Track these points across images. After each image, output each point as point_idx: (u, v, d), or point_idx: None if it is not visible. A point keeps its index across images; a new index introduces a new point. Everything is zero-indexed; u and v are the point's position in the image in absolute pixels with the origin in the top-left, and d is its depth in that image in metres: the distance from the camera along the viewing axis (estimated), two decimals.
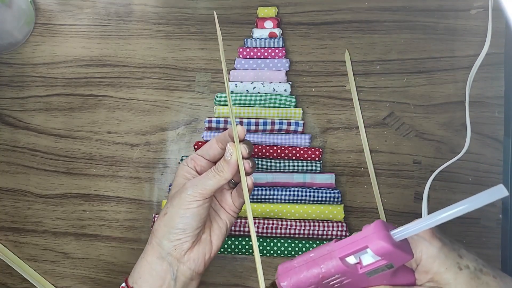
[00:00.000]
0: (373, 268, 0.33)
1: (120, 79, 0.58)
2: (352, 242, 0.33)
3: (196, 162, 0.45)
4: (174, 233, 0.40)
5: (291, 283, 0.34)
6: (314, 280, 0.34)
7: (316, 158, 0.54)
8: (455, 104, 0.54)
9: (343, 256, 0.33)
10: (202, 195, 0.40)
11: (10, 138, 0.59)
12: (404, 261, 0.33)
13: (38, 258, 0.57)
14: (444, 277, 0.34)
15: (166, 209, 0.42)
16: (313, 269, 0.34)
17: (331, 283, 0.34)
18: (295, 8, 0.57)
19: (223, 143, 0.44)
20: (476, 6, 0.55)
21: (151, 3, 0.59)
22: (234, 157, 0.40)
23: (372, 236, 0.32)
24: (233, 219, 0.45)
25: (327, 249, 0.34)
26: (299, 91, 0.56)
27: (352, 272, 0.33)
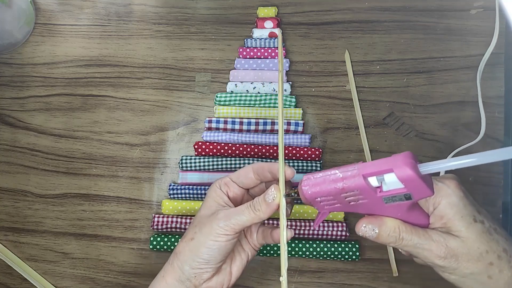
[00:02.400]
0: (392, 194, 0.34)
1: (120, 79, 0.58)
2: (379, 164, 0.33)
3: (229, 188, 0.43)
4: (198, 262, 0.40)
5: (312, 188, 0.36)
6: (333, 190, 0.35)
7: (316, 158, 0.54)
8: (455, 104, 0.54)
9: (367, 175, 0.34)
10: (233, 230, 0.39)
11: (10, 138, 0.59)
12: (423, 195, 0.33)
13: (38, 258, 0.57)
14: (457, 224, 0.35)
15: (194, 233, 0.40)
16: (335, 181, 0.35)
17: (348, 198, 0.35)
18: (295, 8, 0.57)
19: (260, 175, 0.42)
20: (476, 6, 0.55)
21: (151, 3, 0.59)
22: (276, 202, 0.38)
23: (399, 161, 0.32)
24: (255, 252, 0.44)
25: (352, 166, 0.34)
26: (299, 91, 0.56)
27: (371, 193, 0.34)
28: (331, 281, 0.53)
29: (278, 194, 0.38)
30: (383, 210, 0.35)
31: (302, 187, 0.36)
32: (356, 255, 0.52)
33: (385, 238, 0.36)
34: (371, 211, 0.36)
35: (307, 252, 0.52)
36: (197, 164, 0.55)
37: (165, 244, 0.54)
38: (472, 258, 0.35)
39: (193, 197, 0.55)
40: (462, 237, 0.35)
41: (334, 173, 0.35)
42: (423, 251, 0.36)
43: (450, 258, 0.35)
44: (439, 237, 0.35)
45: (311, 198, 0.36)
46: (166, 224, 0.54)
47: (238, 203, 0.44)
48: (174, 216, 0.55)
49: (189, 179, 0.55)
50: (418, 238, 0.36)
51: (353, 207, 0.36)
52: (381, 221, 0.36)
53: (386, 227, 0.36)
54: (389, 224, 0.36)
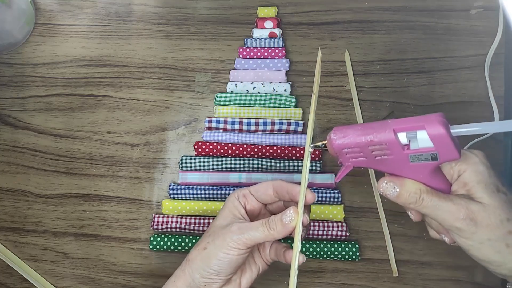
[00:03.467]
0: (419, 152, 0.34)
1: (120, 79, 0.58)
2: (411, 120, 0.34)
3: (247, 200, 0.43)
4: (208, 272, 0.40)
5: (341, 139, 0.36)
6: (362, 142, 0.35)
7: (316, 158, 0.54)
8: (455, 104, 0.54)
9: (398, 129, 0.34)
10: (246, 245, 0.39)
11: (10, 138, 0.59)
12: (450, 156, 0.34)
13: (38, 258, 0.57)
14: (480, 191, 0.36)
15: (207, 243, 0.40)
16: (366, 132, 0.35)
17: (375, 152, 0.36)
18: (295, 8, 0.57)
19: (279, 193, 0.42)
20: (476, 6, 0.55)
21: (151, 3, 0.59)
22: (292, 224, 0.38)
23: (432, 119, 0.33)
24: (266, 266, 0.44)
25: (384, 121, 0.35)
26: (299, 91, 0.56)
27: (398, 149, 0.35)
28: (331, 281, 0.53)
29: (296, 217, 0.38)
30: (407, 170, 0.36)
31: (332, 136, 0.37)
32: (356, 255, 0.52)
33: (405, 198, 0.37)
34: (394, 170, 0.37)
35: (307, 252, 0.52)
36: (197, 164, 0.55)
37: (165, 244, 0.54)
38: (492, 224, 0.35)
39: (193, 197, 0.55)
40: (484, 203, 0.35)
41: (365, 125, 0.36)
42: (443, 213, 0.36)
43: (469, 221, 0.35)
44: (460, 200, 0.36)
45: (339, 149, 0.37)
46: (166, 224, 0.54)
47: (254, 217, 0.44)
48: (174, 216, 0.55)
49: (189, 179, 0.55)
50: (439, 200, 0.36)
51: (377, 163, 0.36)
52: (403, 180, 0.37)
53: (407, 186, 0.37)
54: (411, 184, 0.37)
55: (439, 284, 0.52)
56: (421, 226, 0.53)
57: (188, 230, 0.54)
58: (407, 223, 0.53)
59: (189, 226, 0.54)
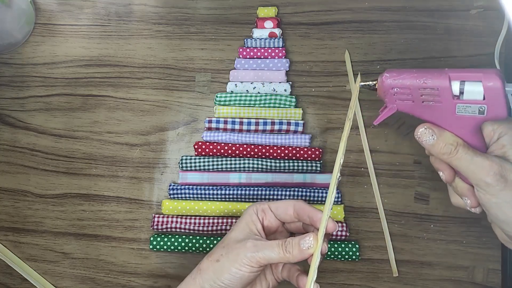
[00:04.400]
0: (468, 103, 0.35)
1: (120, 79, 0.58)
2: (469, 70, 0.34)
3: (266, 215, 0.42)
4: (218, 285, 0.39)
5: (394, 76, 0.37)
6: (414, 84, 0.36)
7: (316, 158, 0.54)
8: None
9: (453, 77, 0.35)
10: (259, 263, 0.38)
11: (10, 138, 0.59)
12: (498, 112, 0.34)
13: (38, 258, 0.57)
14: None
15: (220, 256, 0.40)
16: (421, 74, 0.36)
17: (424, 96, 0.36)
18: (295, 8, 0.57)
19: (299, 215, 0.41)
20: (476, 6, 0.55)
21: (151, 3, 0.59)
22: (310, 251, 0.38)
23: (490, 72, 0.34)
24: (276, 283, 0.44)
25: (441, 69, 0.36)
26: (299, 91, 0.56)
27: (448, 96, 0.35)
28: (331, 281, 0.53)
29: (315, 244, 0.38)
30: (450, 122, 0.36)
31: (385, 73, 0.37)
32: (356, 255, 0.52)
33: (441, 147, 0.37)
34: (437, 120, 0.37)
35: None
36: (197, 164, 0.55)
37: (165, 244, 0.54)
38: None
39: (193, 197, 0.55)
40: None
41: (420, 70, 0.36)
42: (476, 167, 0.36)
43: (500, 177, 0.35)
44: (494, 158, 0.36)
45: (389, 87, 0.37)
46: (166, 224, 0.54)
47: (271, 233, 0.43)
48: (174, 216, 0.55)
49: (189, 179, 0.55)
50: (474, 153, 0.37)
51: (422, 109, 0.37)
52: (442, 130, 0.37)
53: (445, 136, 0.37)
54: (449, 135, 0.37)
55: (439, 284, 0.52)
56: (421, 226, 0.53)
57: (188, 230, 0.54)
58: (407, 223, 0.53)
59: (189, 226, 0.54)
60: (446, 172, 0.41)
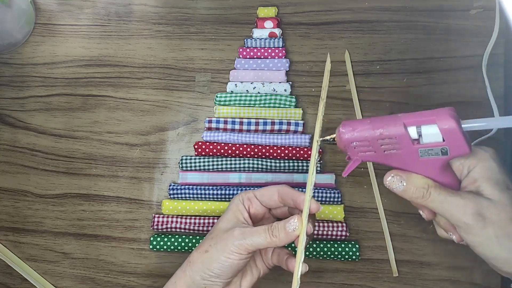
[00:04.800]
0: (429, 147, 0.34)
1: (120, 79, 0.58)
2: (422, 114, 0.34)
3: (252, 203, 0.43)
4: (209, 275, 0.40)
5: (350, 132, 0.36)
6: (371, 136, 0.35)
7: None
8: (455, 104, 0.54)
9: (408, 123, 0.34)
10: (247, 250, 0.39)
11: (10, 138, 0.59)
12: (460, 151, 0.33)
13: (38, 258, 0.57)
14: (490, 188, 0.35)
15: (209, 246, 0.40)
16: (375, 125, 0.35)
17: (384, 146, 0.35)
18: (295, 8, 0.57)
19: (283, 199, 0.42)
20: (476, 6, 0.55)
21: (151, 3, 0.59)
22: (295, 233, 0.38)
23: (443, 113, 0.33)
24: (267, 270, 0.44)
25: (394, 115, 0.35)
26: (299, 91, 0.56)
27: (408, 143, 0.34)
28: (331, 281, 0.54)
29: (299, 225, 0.38)
30: (416, 165, 0.35)
31: (341, 129, 0.37)
32: (356, 255, 0.52)
33: (412, 192, 0.36)
34: (403, 165, 0.36)
35: (307, 252, 0.52)
36: (197, 164, 0.55)
37: (165, 244, 0.54)
38: (501, 220, 0.34)
39: (193, 197, 0.55)
40: (493, 199, 0.35)
41: (375, 118, 0.35)
42: (451, 208, 0.35)
43: (478, 216, 0.34)
44: (469, 196, 0.35)
45: (347, 142, 0.36)
46: (166, 224, 0.54)
47: (258, 220, 0.44)
48: (174, 216, 0.55)
49: (189, 179, 0.55)
50: (447, 194, 0.35)
51: (386, 157, 0.36)
52: (411, 174, 0.36)
53: (415, 180, 0.36)
54: (418, 179, 0.36)
55: (438, 284, 0.52)
56: (421, 226, 0.53)
57: (188, 230, 0.54)
58: (407, 223, 0.53)
59: (189, 226, 0.54)
60: (426, 211, 0.40)
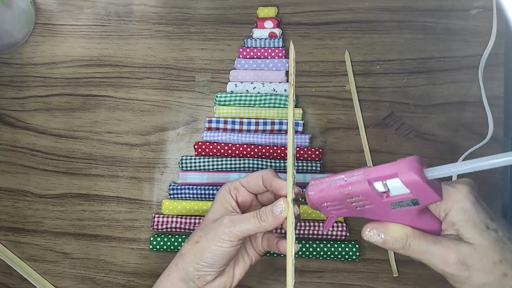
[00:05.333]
0: (398, 199, 0.33)
1: (120, 79, 0.58)
2: (384, 169, 0.33)
3: (239, 192, 0.43)
4: (201, 265, 0.40)
5: (318, 193, 0.36)
6: (339, 196, 0.34)
7: (316, 158, 0.54)
8: (455, 104, 0.54)
9: (372, 180, 0.33)
10: (237, 236, 0.39)
11: (10, 138, 0.59)
12: (431, 200, 0.32)
13: (38, 258, 0.57)
14: (469, 231, 0.34)
15: (199, 237, 0.41)
16: (341, 186, 0.34)
17: (354, 203, 0.35)
18: (295, 8, 0.57)
19: (267, 185, 0.42)
20: (476, 6, 0.55)
21: (151, 3, 0.59)
22: (283, 215, 0.38)
23: (404, 166, 0.32)
24: (259, 257, 0.44)
25: (358, 171, 0.34)
26: (299, 91, 0.56)
27: (377, 198, 0.33)
28: (331, 281, 0.53)
29: (286, 207, 0.38)
30: (391, 215, 0.34)
31: (309, 192, 0.36)
32: (356, 255, 0.52)
33: (391, 244, 0.35)
34: (379, 217, 0.35)
35: (307, 252, 0.52)
36: (197, 164, 0.55)
37: (165, 244, 0.54)
38: (485, 267, 0.33)
39: (193, 197, 0.55)
40: (474, 244, 0.33)
41: (339, 178, 0.35)
42: (433, 258, 0.34)
43: (461, 266, 0.33)
44: (449, 243, 0.34)
45: (318, 203, 0.36)
46: (166, 224, 0.54)
47: (245, 208, 0.44)
48: (174, 216, 0.55)
49: (189, 179, 0.55)
50: (427, 244, 0.34)
51: (360, 212, 0.35)
52: (388, 226, 0.35)
53: (392, 232, 0.35)
54: (396, 229, 0.35)
55: (438, 284, 0.52)
56: None
57: (188, 230, 0.54)
58: None
59: (189, 226, 0.54)
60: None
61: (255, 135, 0.55)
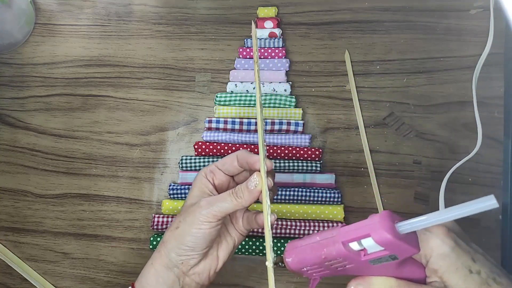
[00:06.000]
0: (376, 257, 0.32)
1: (120, 79, 0.58)
2: (356, 228, 0.32)
3: (215, 175, 0.43)
4: (183, 249, 0.40)
5: (295, 260, 0.35)
6: (317, 260, 0.34)
7: (316, 158, 0.54)
8: (455, 104, 0.54)
9: (346, 241, 0.33)
10: (216, 217, 0.39)
11: (10, 138, 0.59)
12: (408, 254, 0.32)
13: (38, 258, 0.57)
14: (452, 277, 0.33)
15: (179, 222, 0.41)
16: (316, 250, 0.34)
17: (334, 265, 0.34)
18: (295, 8, 0.57)
19: (242, 164, 0.42)
20: (476, 6, 0.55)
21: (151, 3, 0.59)
22: (258, 189, 0.39)
23: (375, 225, 0.31)
24: (242, 237, 0.44)
25: (331, 232, 0.34)
26: (299, 91, 0.56)
27: (355, 258, 0.33)
28: (331, 281, 0.53)
29: (260, 181, 0.39)
30: (373, 270, 0.34)
31: (286, 259, 0.36)
32: None
33: None
34: (362, 272, 0.35)
35: None
36: (197, 164, 0.55)
37: None
38: None
39: None
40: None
41: (315, 241, 0.34)
42: None
43: None
44: None
45: (297, 269, 0.36)
46: (166, 224, 0.54)
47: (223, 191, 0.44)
48: (174, 216, 0.55)
49: (189, 179, 0.55)
50: None
51: (342, 271, 0.35)
52: (371, 280, 0.34)
53: (376, 286, 0.34)
54: (380, 283, 0.34)
55: None
56: None
57: None
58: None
59: None
60: None
61: (255, 135, 0.55)
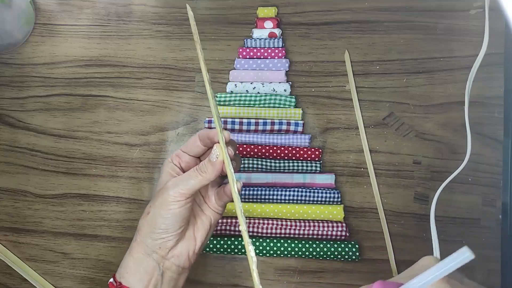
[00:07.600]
0: None
1: (120, 79, 0.58)
2: None
3: (181, 159, 0.44)
4: (157, 233, 0.41)
5: None
6: None
7: (316, 158, 0.54)
8: (455, 104, 0.54)
9: None
10: (183, 195, 0.40)
11: (10, 138, 0.59)
12: None
13: (38, 258, 0.57)
14: None
15: (149, 207, 0.42)
16: None
17: None
18: (295, 8, 0.57)
19: (203, 141, 0.43)
20: (476, 6, 0.55)
21: (151, 3, 0.59)
22: (220, 160, 0.39)
23: None
24: (218, 215, 0.45)
25: None
26: (299, 91, 0.56)
27: None
28: (331, 281, 0.53)
29: (220, 152, 0.39)
30: None
31: None
32: (356, 255, 0.52)
33: None
34: None
35: (306, 252, 0.52)
36: None
37: None
38: None
39: None
40: None
41: None
42: None
43: None
44: None
45: None
46: None
47: None
48: None
49: None
50: None
51: None
52: None
53: None
54: None
55: None
56: (421, 226, 0.53)
57: None
58: (407, 223, 0.53)
59: None
60: None
61: (255, 135, 0.55)
